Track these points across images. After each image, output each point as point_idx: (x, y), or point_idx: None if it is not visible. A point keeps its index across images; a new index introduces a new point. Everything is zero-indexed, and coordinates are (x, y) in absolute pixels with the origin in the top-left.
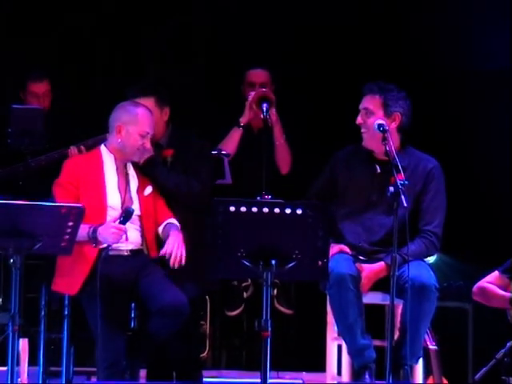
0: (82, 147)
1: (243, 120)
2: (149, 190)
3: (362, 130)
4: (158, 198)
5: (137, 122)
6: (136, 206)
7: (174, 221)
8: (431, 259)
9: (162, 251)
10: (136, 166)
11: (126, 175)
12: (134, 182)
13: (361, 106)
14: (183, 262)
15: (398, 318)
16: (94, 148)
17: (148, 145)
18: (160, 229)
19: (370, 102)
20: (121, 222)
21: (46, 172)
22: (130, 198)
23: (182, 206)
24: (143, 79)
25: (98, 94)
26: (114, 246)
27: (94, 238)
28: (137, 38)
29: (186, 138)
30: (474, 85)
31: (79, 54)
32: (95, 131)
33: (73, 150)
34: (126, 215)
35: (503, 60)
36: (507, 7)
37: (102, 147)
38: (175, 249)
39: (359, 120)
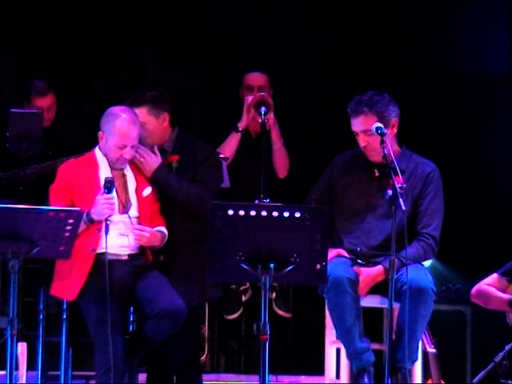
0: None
1: (241, 124)
2: (148, 190)
3: (369, 150)
4: (155, 201)
5: (113, 135)
6: (134, 207)
7: (163, 229)
8: (426, 263)
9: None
10: (134, 166)
11: (123, 176)
12: (131, 183)
13: (357, 129)
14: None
15: (395, 321)
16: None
17: (128, 155)
18: None
19: (367, 123)
20: (107, 193)
21: (47, 177)
22: (129, 199)
23: (184, 214)
24: (142, 82)
25: (98, 95)
26: (113, 250)
27: (90, 221)
28: (137, 40)
29: (192, 144)
30: (474, 87)
31: (78, 55)
32: (94, 134)
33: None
34: (108, 185)
35: (503, 63)
36: (507, 9)
37: (97, 150)
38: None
39: (363, 143)
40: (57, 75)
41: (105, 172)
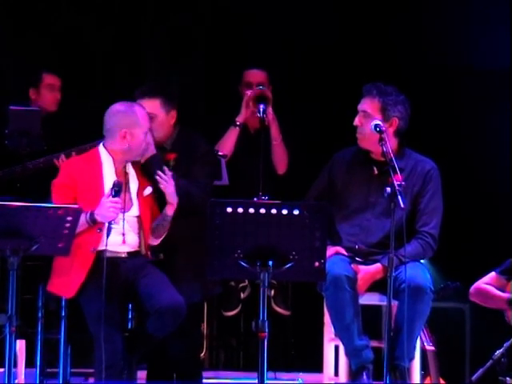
0: (73, 153)
1: (240, 119)
2: (148, 190)
3: (358, 131)
4: (154, 201)
5: (138, 123)
6: (135, 207)
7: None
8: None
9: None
10: (136, 165)
11: (126, 175)
12: (134, 183)
13: (359, 108)
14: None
15: (393, 319)
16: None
17: (150, 139)
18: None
19: (369, 105)
20: (114, 197)
21: (44, 174)
22: (130, 198)
23: (185, 210)
24: (143, 79)
25: (98, 93)
26: (112, 248)
27: (92, 221)
28: (138, 37)
29: (192, 142)
30: (474, 85)
31: (79, 54)
32: (95, 133)
33: (61, 158)
34: (116, 189)
35: (503, 60)
36: (507, 7)
37: (101, 148)
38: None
39: (356, 122)
40: (58, 73)
41: (109, 170)
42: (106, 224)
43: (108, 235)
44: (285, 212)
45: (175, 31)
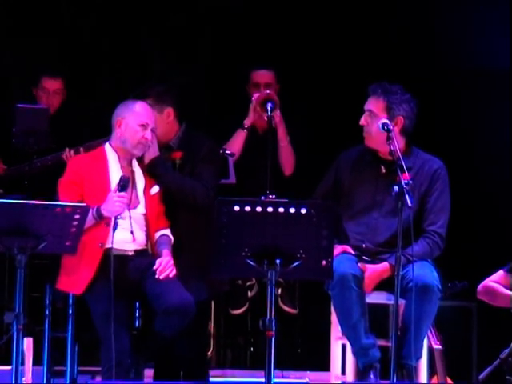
0: (81, 149)
1: (247, 122)
2: (155, 189)
3: (364, 131)
4: (161, 201)
5: (134, 114)
6: (142, 206)
7: (168, 232)
8: None
9: (156, 266)
10: (142, 164)
11: (132, 173)
12: (140, 181)
13: (365, 107)
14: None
15: (401, 318)
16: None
17: (149, 136)
18: (156, 235)
19: (374, 105)
20: (120, 191)
21: (52, 171)
22: (136, 196)
23: (190, 208)
24: (148, 79)
25: (103, 92)
26: (119, 246)
27: (99, 216)
28: (142, 36)
29: (197, 141)
30: (474, 85)
31: (79, 54)
32: (97, 131)
33: (68, 153)
34: (123, 183)
35: (503, 60)
36: (507, 7)
37: (107, 145)
38: (167, 267)
39: (362, 121)
40: (62, 72)
41: (114, 167)
42: (113, 219)
43: (114, 230)
44: (292, 211)
45: (181, 28)
